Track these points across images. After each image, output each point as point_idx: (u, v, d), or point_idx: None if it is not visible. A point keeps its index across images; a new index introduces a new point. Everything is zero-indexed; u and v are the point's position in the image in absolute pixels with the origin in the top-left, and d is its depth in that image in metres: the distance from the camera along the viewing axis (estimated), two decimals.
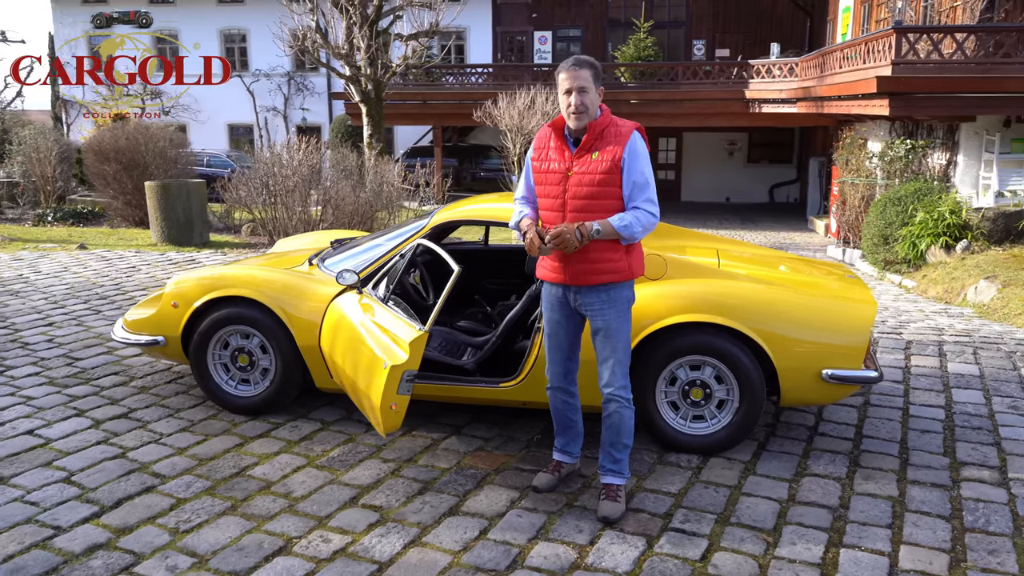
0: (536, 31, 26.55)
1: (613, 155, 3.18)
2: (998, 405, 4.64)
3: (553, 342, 3.44)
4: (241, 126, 29.23)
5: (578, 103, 3.14)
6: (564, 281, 3.30)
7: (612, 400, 3.35)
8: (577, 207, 3.20)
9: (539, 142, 3.37)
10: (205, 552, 3.08)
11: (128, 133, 12.94)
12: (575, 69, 3.15)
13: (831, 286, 4.23)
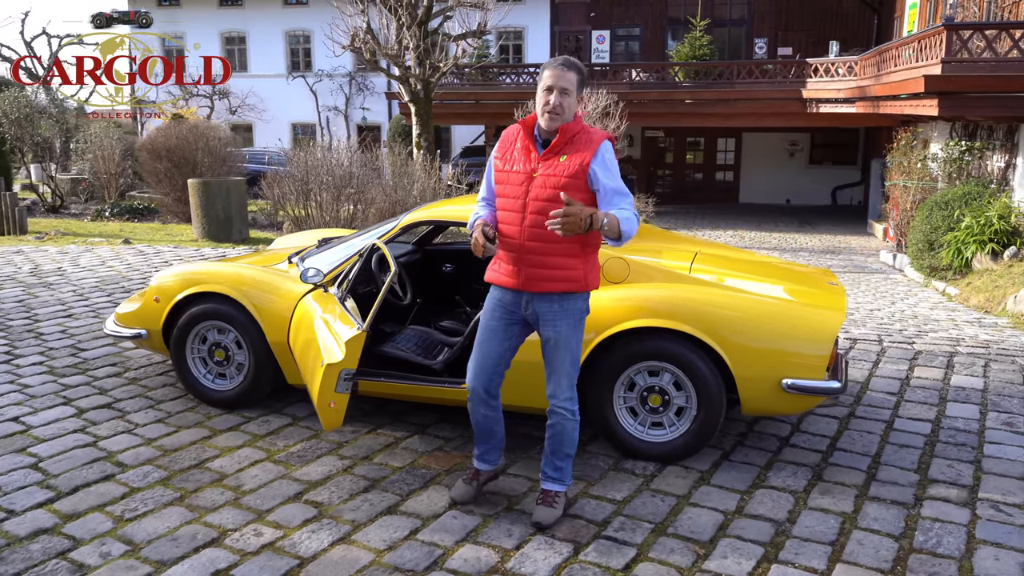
0: (594, 30, 26.39)
1: (581, 160, 3.09)
2: (992, 421, 4.42)
3: (484, 349, 3.30)
4: (304, 125, 29.88)
5: (556, 103, 3.04)
6: (517, 286, 3.20)
7: (556, 412, 3.27)
8: (538, 209, 3.09)
9: (505, 141, 3.26)
10: (141, 540, 3.17)
11: (178, 132, 13.39)
12: (562, 69, 3.05)
13: (804, 293, 4.09)
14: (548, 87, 3.05)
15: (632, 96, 20.11)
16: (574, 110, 3.11)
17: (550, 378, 3.27)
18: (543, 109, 3.08)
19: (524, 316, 3.26)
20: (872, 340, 6.11)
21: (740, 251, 5.11)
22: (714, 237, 17.81)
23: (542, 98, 3.08)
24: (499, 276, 3.25)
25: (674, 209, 23.35)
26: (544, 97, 3.06)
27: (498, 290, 3.28)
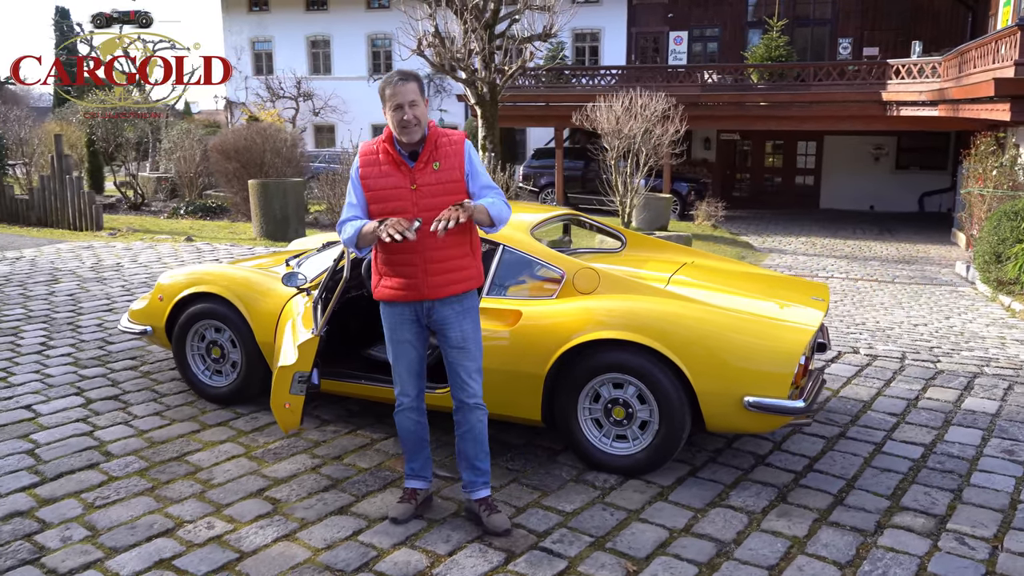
0: (672, 31, 26.05)
1: (457, 164, 3.21)
2: (991, 448, 4.20)
3: (403, 363, 3.34)
4: (384, 127, 30.48)
5: (411, 117, 3.09)
6: (418, 297, 3.22)
7: (477, 408, 3.33)
8: (431, 219, 3.10)
9: (367, 159, 3.24)
10: (103, 527, 3.35)
11: (246, 134, 13.93)
12: (402, 84, 3.09)
13: (777, 310, 3.98)
14: (398, 105, 3.08)
15: (703, 99, 19.81)
16: (426, 117, 3.18)
17: (464, 377, 3.32)
18: (400, 127, 3.11)
19: (426, 324, 3.31)
20: (894, 357, 5.87)
21: (736, 263, 5.00)
22: (783, 243, 17.35)
23: (395, 117, 3.10)
24: (397, 292, 3.24)
25: (748, 214, 22.83)
26: (397, 115, 3.09)
27: (397, 306, 3.27)
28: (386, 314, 3.33)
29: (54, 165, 12.66)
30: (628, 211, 14.16)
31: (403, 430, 3.44)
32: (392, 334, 3.33)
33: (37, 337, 5.98)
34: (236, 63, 32.11)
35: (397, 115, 3.09)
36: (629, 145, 13.69)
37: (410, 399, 3.38)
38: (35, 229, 12.52)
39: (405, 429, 3.43)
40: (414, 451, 3.46)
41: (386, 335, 3.36)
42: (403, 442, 3.47)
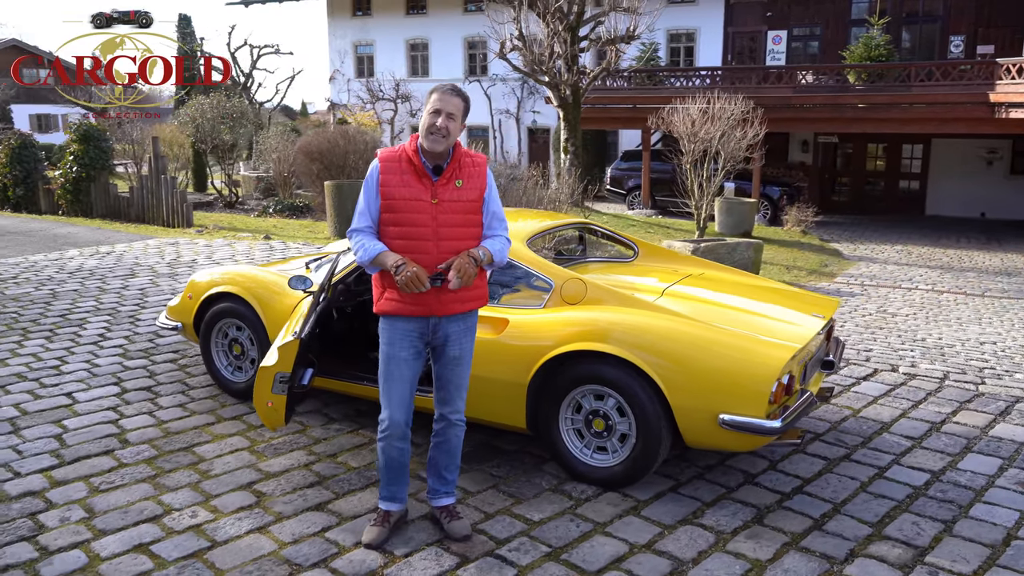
0: (770, 31, 25.26)
1: (479, 185, 3.24)
2: (1006, 479, 3.96)
3: (399, 384, 3.25)
4: (478, 127, 30.92)
5: (443, 125, 3.09)
6: (428, 312, 3.19)
7: (453, 424, 3.38)
8: (447, 235, 3.16)
9: (389, 165, 3.19)
10: (99, 510, 3.61)
11: (329, 136, 14.43)
12: (450, 95, 3.13)
13: (764, 327, 3.86)
14: (436, 110, 3.10)
15: (796, 100, 19.19)
16: (457, 135, 3.18)
17: (453, 393, 3.36)
18: (430, 132, 3.11)
19: (429, 341, 3.27)
20: (935, 377, 5.58)
21: (748, 277, 4.87)
22: (876, 251, 16.60)
23: (428, 120, 3.11)
24: (405, 306, 3.18)
25: (846, 220, 21.94)
26: (431, 119, 3.11)
27: (403, 320, 3.21)
28: (388, 329, 3.25)
29: (151, 165, 13.50)
30: (703, 215, 13.88)
31: (387, 458, 3.33)
32: (391, 349, 3.24)
33: (98, 329, 6.43)
34: (340, 66, 33.35)
35: (431, 119, 3.10)
36: (706, 148, 13.41)
37: (398, 426, 3.27)
38: (133, 225, 13.38)
39: (389, 457, 3.32)
40: (394, 475, 3.37)
41: (383, 352, 3.26)
42: (386, 466, 3.35)
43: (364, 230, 3.23)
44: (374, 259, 3.15)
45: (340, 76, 33.10)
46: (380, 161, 3.25)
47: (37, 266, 9.19)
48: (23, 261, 9.58)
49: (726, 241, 11.60)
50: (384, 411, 3.30)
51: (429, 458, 3.47)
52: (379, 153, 3.29)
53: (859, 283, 12.04)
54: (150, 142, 18.33)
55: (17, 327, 6.44)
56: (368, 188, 3.24)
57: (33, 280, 8.31)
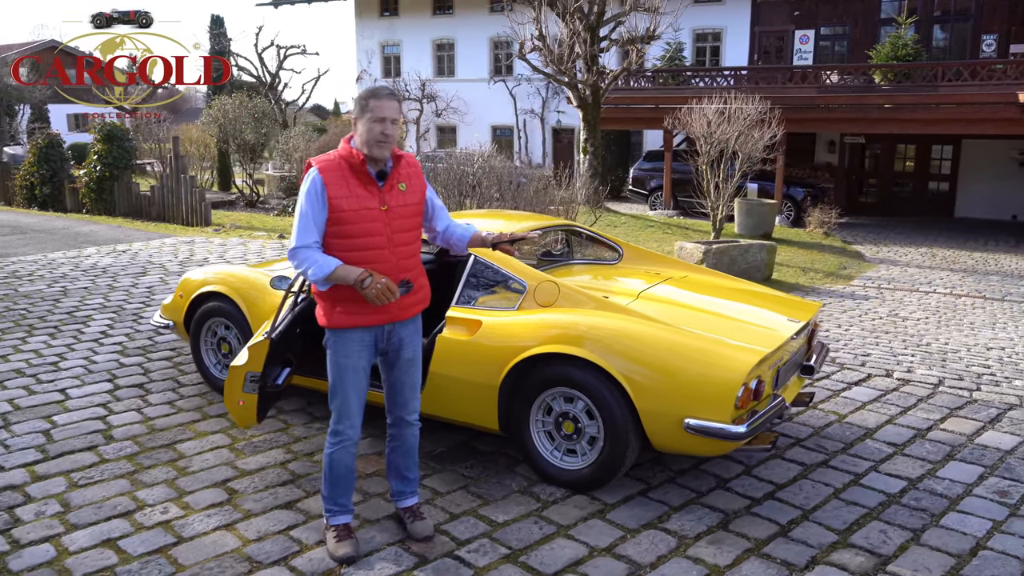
0: (797, 30, 24.97)
1: (420, 186, 3.26)
2: (984, 488, 3.89)
3: (355, 393, 3.21)
4: (503, 127, 30.99)
5: (391, 132, 3.04)
6: (387, 320, 3.15)
7: (410, 424, 3.38)
8: (400, 241, 3.15)
9: (332, 176, 3.04)
10: (75, 505, 3.69)
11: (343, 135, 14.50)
12: (389, 99, 3.07)
13: (735, 330, 3.83)
14: (381, 118, 3.01)
15: (820, 100, 18.94)
16: (396, 138, 3.15)
17: (409, 394, 3.36)
18: (377, 140, 3.02)
19: (383, 348, 3.24)
20: (929, 383, 5.50)
21: (730, 280, 4.83)
22: (900, 254, 16.33)
23: (375, 129, 3.01)
24: (361, 316, 3.12)
25: (872, 221, 21.62)
26: (378, 127, 3.01)
27: (360, 331, 3.15)
28: (341, 341, 3.16)
29: (171, 165, 13.71)
30: (720, 216, 13.76)
31: (341, 466, 3.26)
32: (347, 362, 3.17)
33: (101, 326, 6.55)
34: (367, 67, 33.58)
35: (378, 127, 3.00)
36: (722, 149, 13.30)
37: (356, 432, 3.25)
38: (153, 224, 13.60)
39: (343, 465, 3.26)
40: (346, 487, 3.31)
41: (335, 364, 3.19)
42: (336, 480, 3.28)
43: (311, 246, 3.05)
44: (330, 275, 3.02)
45: (367, 76, 33.31)
46: (320, 172, 3.06)
47: (53, 264, 9.39)
48: (41, 259, 9.80)
49: (739, 243, 11.49)
50: (340, 423, 3.22)
51: (388, 462, 3.47)
52: (314, 163, 3.11)
53: (875, 286, 11.86)
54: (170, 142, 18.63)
55: (24, 323, 6.59)
56: (311, 201, 3.05)
57: (47, 277, 8.50)
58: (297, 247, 3.06)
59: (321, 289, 3.13)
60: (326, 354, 3.22)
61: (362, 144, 3.06)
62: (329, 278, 3.03)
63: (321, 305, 3.18)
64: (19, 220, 14.05)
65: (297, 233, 3.06)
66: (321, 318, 3.19)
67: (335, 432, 3.25)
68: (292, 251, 3.07)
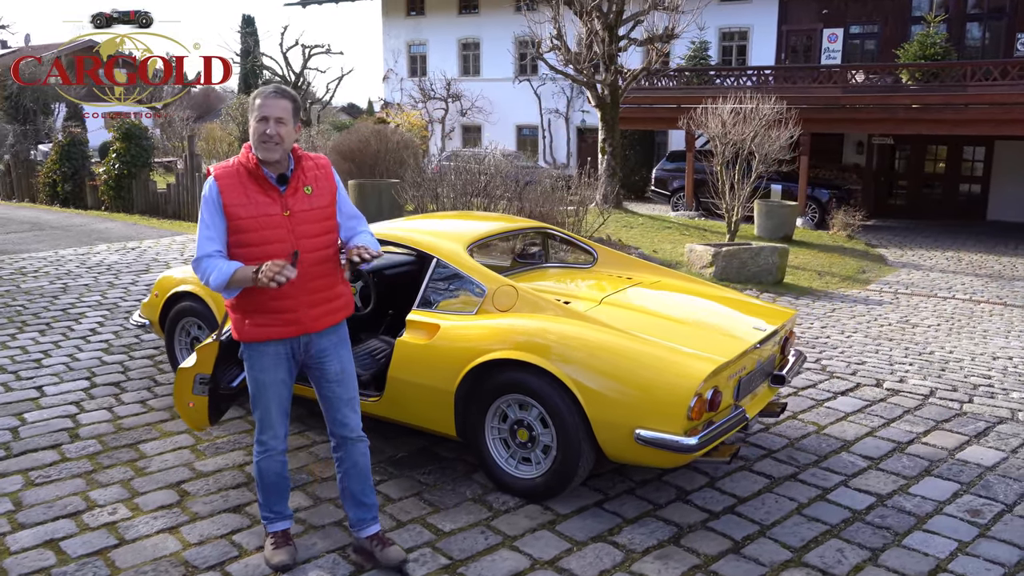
0: (825, 29, 24.56)
1: (329, 188, 3.10)
2: (956, 506, 3.73)
3: (276, 404, 3.11)
4: (528, 127, 30.92)
5: (273, 132, 2.90)
6: (299, 332, 3.04)
7: (360, 441, 3.21)
8: (307, 247, 2.99)
9: (228, 183, 2.95)
10: (26, 504, 3.68)
11: (360, 136, 14.56)
12: (274, 97, 2.94)
13: (692, 339, 3.70)
14: (263, 117, 2.91)
15: (845, 100, 18.59)
16: (293, 139, 3.01)
17: (346, 410, 3.19)
18: (260, 140, 2.93)
19: (301, 360, 3.12)
20: (918, 394, 5.31)
21: (705, 285, 4.70)
22: (924, 257, 15.97)
23: (258, 129, 2.93)
24: (273, 329, 3.01)
25: (899, 224, 21.19)
26: (260, 127, 2.92)
27: (272, 344, 3.05)
28: (255, 355, 3.06)
29: (187, 163, 13.85)
30: (736, 218, 13.54)
31: (270, 474, 3.19)
32: (263, 376, 3.07)
33: (92, 324, 6.60)
34: (393, 66, 33.70)
35: (260, 127, 2.92)
36: (737, 150, 13.09)
37: (280, 442, 3.18)
38: (168, 221, 13.74)
39: (273, 473, 3.19)
40: (279, 493, 3.24)
41: (252, 379, 3.10)
42: (268, 488, 3.20)
43: (214, 255, 2.94)
44: (232, 278, 2.88)
45: (393, 75, 33.44)
46: (216, 179, 2.97)
47: (62, 260, 9.51)
48: (51, 255, 9.93)
49: (750, 246, 11.28)
50: (263, 434, 3.15)
51: (342, 489, 3.27)
52: (212, 170, 3.02)
53: (892, 291, 11.58)
54: (202, 139, 18.84)
55: (18, 320, 6.66)
56: (209, 210, 2.95)
57: (52, 274, 8.60)
58: (198, 257, 2.97)
59: (228, 299, 3.04)
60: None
61: (252, 146, 2.98)
62: (230, 283, 2.90)
63: (232, 318, 3.08)
64: (40, 217, 14.30)
65: (198, 244, 2.97)
66: (236, 333, 3.09)
67: (260, 442, 3.17)
68: (194, 262, 3.00)
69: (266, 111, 2.93)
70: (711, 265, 10.91)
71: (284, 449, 3.20)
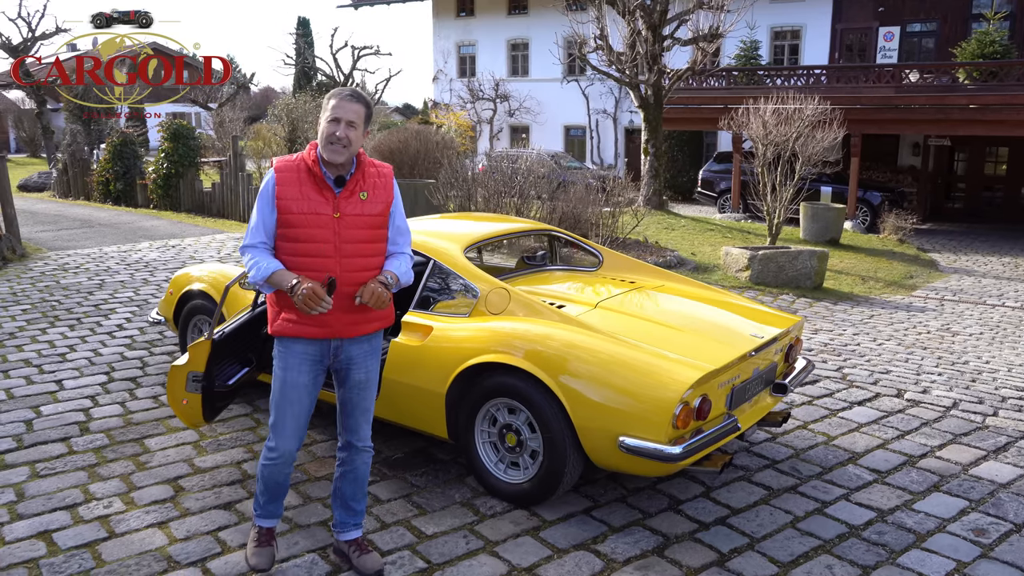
0: (882, 27, 23.92)
1: (385, 199, 3.06)
2: (961, 525, 3.58)
3: (292, 411, 3.05)
4: (576, 127, 30.79)
5: (343, 135, 2.88)
6: (330, 335, 3.00)
7: (366, 451, 3.19)
8: (351, 252, 2.97)
9: (286, 176, 2.96)
10: (29, 495, 3.79)
11: (400, 136, 14.66)
12: (349, 100, 2.93)
13: (683, 346, 3.61)
14: (334, 119, 2.90)
15: (898, 100, 18.07)
16: (360, 143, 2.98)
17: (360, 420, 3.15)
18: (329, 142, 2.91)
19: (330, 364, 3.08)
20: (940, 406, 5.12)
21: (711, 291, 4.58)
22: (978, 263, 15.42)
23: (327, 129, 2.91)
24: (304, 327, 2.98)
25: (956, 228, 20.51)
26: (330, 128, 2.90)
27: (302, 343, 3.01)
28: (284, 352, 3.03)
29: (231, 163, 14.13)
30: (777, 220, 13.25)
31: (271, 481, 3.14)
32: (287, 375, 3.02)
33: (121, 319, 6.77)
34: (443, 66, 33.89)
35: (330, 128, 2.90)
36: (779, 151, 12.81)
37: (290, 455, 3.11)
38: (212, 220, 14.05)
39: (274, 482, 3.15)
40: (277, 496, 3.21)
41: (277, 376, 3.05)
42: (267, 489, 3.17)
43: (258, 246, 2.97)
44: (268, 278, 2.91)
45: (443, 76, 33.63)
46: (276, 171, 2.99)
47: (104, 257, 9.79)
48: (95, 252, 10.23)
49: (788, 249, 11.03)
50: (275, 439, 3.07)
51: (335, 489, 3.25)
52: (275, 162, 3.03)
53: (938, 298, 11.21)
54: (253, 138, 19.18)
55: (51, 315, 6.87)
56: (263, 201, 2.98)
57: (92, 270, 8.86)
58: (245, 246, 3.01)
59: (266, 292, 3.05)
60: None
61: (320, 145, 2.96)
62: (268, 281, 2.93)
63: (269, 311, 3.07)
64: (92, 215, 14.76)
65: (248, 232, 3.02)
66: (269, 325, 3.07)
67: (269, 448, 3.11)
68: (242, 249, 3.02)
69: (339, 112, 2.91)
70: (747, 269, 10.70)
71: (293, 461, 3.14)
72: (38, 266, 9.19)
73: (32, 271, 8.87)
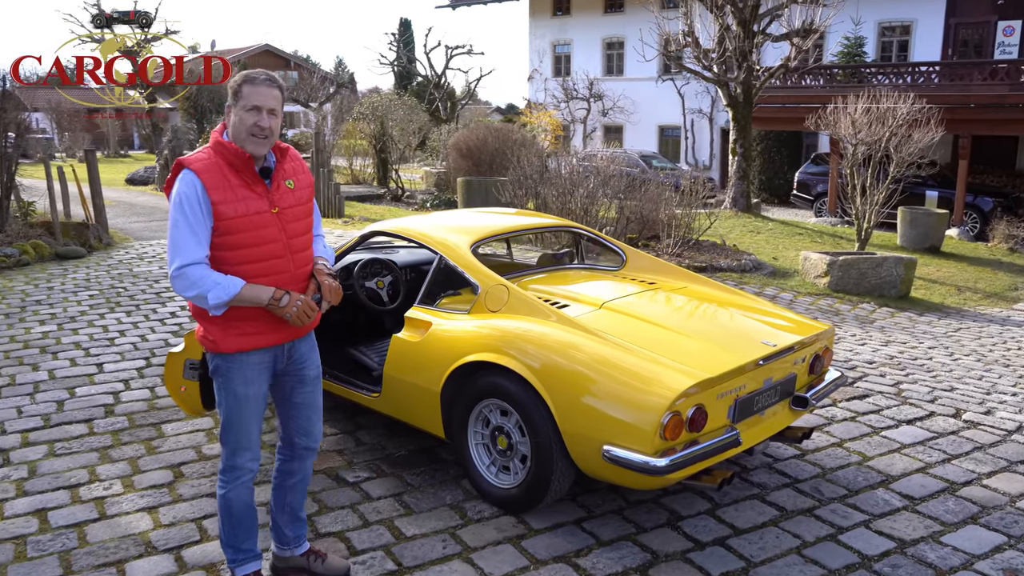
0: (1000, 21, 22.39)
1: (307, 182, 2.87)
2: (990, 564, 3.20)
3: (256, 422, 2.82)
4: (671, 127, 30.18)
5: (267, 124, 2.63)
6: (287, 338, 2.80)
7: (314, 451, 3.01)
8: (297, 247, 2.78)
9: (213, 179, 2.60)
10: (41, 472, 3.91)
11: (479, 134, 14.66)
12: (267, 85, 2.64)
13: (681, 352, 3.36)
14: (255, 107, 2.61)
15: (1012, 99, 16.87)
16: (279, 132, 2.73)
17: (309, 417, 2.96)
18: (250, 133, 2.62)
19: (280, 369, 2.86)
20: (1001, 429, 4.64)
21: (734, 295, 4.28)
22: None
23: (247, 118, 2.61)
24: (262, 337, 2.73)
25: None
26: (250, 118, 2.61)
27: (258, 353, 2.75)
28: (239, 367, 2.73)
29: (313, 159, 14.45)
30: (867, 225, 12.53)
31: (240, 505, 2.83)
32: (246, 390, 2.75)
33: (175, 307, 6.98)
34: (538, 65, 33.82)
35: (251, 117, 2.61)
36: (870, 152, 12.11)
37: (257, 463, 2.86)
38: None
39: (243, 504, 2.83)
40: (250, 528, 2.89)
41: (233, 394, 2.75)
42: (239, 522, 2.84)
43: (203, 262, 2.59)
44: (236, 297, 2.59)
45: (538, 75, 33.58)
46: (197, 173, 2.60)
47: None
48: None
49: (873, 255, 10.40)
50: (238, 457, 2.79)
51: (278, 507, 3.01)
52: (185, 162, 2.65)
53: None
54: (343, 137, 19.63)
55: (114, 300, 7.15)
56: (192, 210, 2.57)
57: (165, 260, 9.19)
58: (184, 266, 2.56)
59: (215, 314, 2.65)
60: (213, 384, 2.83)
61: (233, 137, 2.66)
62: (234, 301, 2.60)
63: (210, 330, 2.71)
64: None
65: (180, 249, 2.56)
66: (212, 345, 2.72)
67: (232, 468, 2.80)
68: (178, 271, 2.57)
69: (258, 100, 2.62)
70: (826, 275, 10.15)
71: (256, 471, 2.87)
72: (119, 254, 9.61)
73: (112, 259, 9.29)
